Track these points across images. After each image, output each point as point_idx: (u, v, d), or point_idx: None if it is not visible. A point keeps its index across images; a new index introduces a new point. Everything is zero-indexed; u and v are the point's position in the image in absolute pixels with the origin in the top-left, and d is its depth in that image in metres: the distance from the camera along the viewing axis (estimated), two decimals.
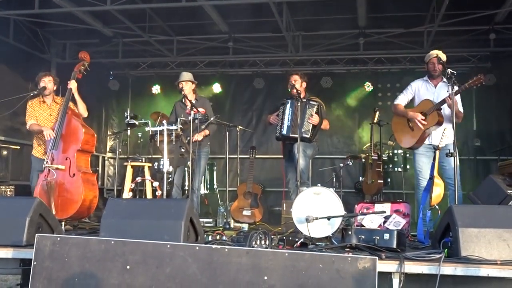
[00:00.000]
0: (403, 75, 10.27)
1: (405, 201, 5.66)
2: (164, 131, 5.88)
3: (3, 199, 5.95)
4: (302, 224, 4.41)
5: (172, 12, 8.73)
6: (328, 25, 9.09)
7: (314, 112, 6.32)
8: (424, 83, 5.94)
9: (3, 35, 8.41)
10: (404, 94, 6.10)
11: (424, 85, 5.93)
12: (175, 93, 8.68)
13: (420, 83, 5.98)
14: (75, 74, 6.23)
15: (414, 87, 6.02)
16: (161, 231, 3.86)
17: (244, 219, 7.55)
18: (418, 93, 5.95)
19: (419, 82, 6.01)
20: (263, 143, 10.72)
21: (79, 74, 6.27)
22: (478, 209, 4.20)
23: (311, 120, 6.28)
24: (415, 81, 6.07)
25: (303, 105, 6.28)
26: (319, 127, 6.45)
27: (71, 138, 5.90)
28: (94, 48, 9.69)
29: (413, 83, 6.07)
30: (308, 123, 6.29)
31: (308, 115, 6.28)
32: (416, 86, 6.00)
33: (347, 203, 6.12)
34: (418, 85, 5.99)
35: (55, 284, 3.57)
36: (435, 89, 5.82)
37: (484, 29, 8.63)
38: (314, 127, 6.35)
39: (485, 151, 9.50)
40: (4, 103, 6.58)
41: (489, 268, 3.43)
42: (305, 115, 6.28)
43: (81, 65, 6.30)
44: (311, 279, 3.26)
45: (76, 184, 5.71)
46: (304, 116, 6.28)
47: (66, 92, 6.15)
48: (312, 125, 6.30)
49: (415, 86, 6.01)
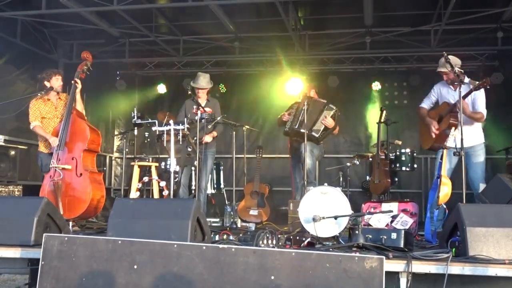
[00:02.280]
0: (410, 74, 10.27)
1: (412, 201, 5.65)
2: (171, 130, 5.88)
3: (11, 199, 5.98)
4: (309, 223, 4.41)
5: (178, 12, 8.74)
6: (335, 24, 9.08)
7: (330, 116, 6.33)
8: (444, 86, 6.01)
9: (10, 36, 8.45)
10: (428, 97, 6.20)
11: (445, 87, 6.01)
12: (182, 93, 8.69)
13: (441, 86, 6.06)
14: (79, 73, 6.25)
15: (436, 90, 6.12)
16: (168, 231, 3.87)
17: (251, 218, 7.54)
18: (440, 95, 6.04)
19: (440, 85, 6.08)
20: (270, 143, 10.72)
21: (82, 73, 6.28)
22: (486, 208, 4.17)
23: (325, 121, 6.30)
24: (437, 84, 6.14)
25: (322, 105, 6.32)
26: (331, 131, 6.47)
27: (77, 138, 5.92)
28: (101, 48, 9.72)
29: (435, 86, 6.16)
30: (321, 124, 6.30)
31: (324, 116, 6.30)
32: (438, 89, 6.09)
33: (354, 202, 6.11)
34: (440, 87, 6.07)
35: (63, 284, 3.59)
36: (455, 92, 5.81)
37: (492, 28, 8.58)
38: (326, 130, 6.37)
39: (493, 150, 9.44)
40: (11, 103, 6.61)
41: (497, 268, 3.42)
42: (321, 115, 6.30)
43: (84, 64, 6.32)
44: (318, 279, 3.26)
45: (84, 184, 5.73)
46: (320, 116, 6.30)
47: (70, 92, 6.16)
48: (324, 126, 6.31)
49: (437, 89, 6.11)
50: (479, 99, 5.71)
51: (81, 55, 6.46)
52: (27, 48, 8.89)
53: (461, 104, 5.12)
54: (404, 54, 10.04)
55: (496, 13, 8.06)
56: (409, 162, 8.50)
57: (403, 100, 10.37)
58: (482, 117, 5.73)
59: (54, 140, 5.92)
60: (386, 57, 10.24)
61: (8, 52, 8.37)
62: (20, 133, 8.26)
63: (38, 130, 6.15)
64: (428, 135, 5.95)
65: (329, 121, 6.33)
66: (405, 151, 8.50)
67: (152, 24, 9.07)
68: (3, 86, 7.97)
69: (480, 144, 5.81)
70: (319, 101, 6.48)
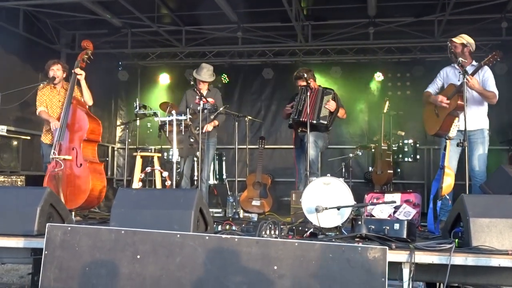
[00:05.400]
0: (414, 64, 10.23)
1: (415, 191, 5.64)
2: (173, 121, 5.88)
3: (14, 189, 5.98)
4: (312, 214, 4.41)
5: (180, 2, 8.71)
6: (338, 15, 9.03)
7: (331, 99, 6.33)
8: (452, 68, 5.82)
9: (13, 26, 8.44)
10: (434, 82, 6.02)
11: (452, 70, 5.82)
12: (184, 83, 8.67)
13: (449, 69, 5.88)
14: (78, 63, 6.22)
15: (442, 73, 5.95)
16: (171, 221, 3.87)
17: (254, 209, 7.55)
18: (447, 79, 5.85)
19: (447, 68, 5.92)
20: (272, 133, 10.73)
21: (82, 62, 6.24)
22: (489, 199, 4.16)
23: (328, 106, 6.31)
24: (444, 68, 5.99)
25: (319, 93, 6.32)
26: (336, 114, 6.47)
27: (77, 128, 5.91)
28: (103, 39, 9.70)
29: (442, 70, 5.99)
30: (326, 109, 6.30)
31: (325, 101, 6.31)
32: (444, 72, 5.93)
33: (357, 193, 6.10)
34: (446, 70, 5.91)
35: (66, 273, 3.60)
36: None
37: (496, 18, 8.52)
38: (331, 114, 6.37)
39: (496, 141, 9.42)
40: (14, 93, 6.61)
41: (500, 258, 3.41)
42: (322, 102, 6.31)
43: (84, 53, 6.29)
44: (321, 269, 3.26)
45: (84, 174, 5.73)
46: (322, 103, 6.30)
47: (70, 82, 6.16)
48: (329, 111, 6.31)
49: (443, 73, 5.94)
50: (489, 79, 5.55)
51: (81, 44, 6.44)
52: (30, 38, 8.88)
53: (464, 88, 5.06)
54: (407, 45, 9.99)
55: (501, 3, 7.99)
56: (412, 153, 8.52)
57: (406, 91, 10.33)
58: (494, 96, 5.52)
59: (56, 123, 5.92)
60: (390, 48, 10.19)
61: (11, 43, 8.35)
62: (23, 124, 8.28)
63: (43, 115, 6.16)
64: (433, 120, 5.75)
65: (332, 105, 6.33)
66: (408, 142, 8.51)
67: (154, 14, 9.03)
68: (5, 76, 7.95)
69: (483, 130, 5.60)
70: (316, 89, 6.45)
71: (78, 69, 6.17)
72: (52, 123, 5.95)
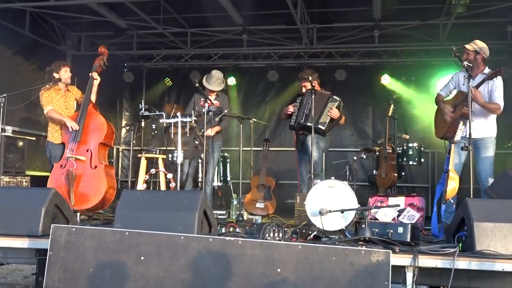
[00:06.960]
0: (419, 68, 10.20)
1: (419, 195, 5.62)
2: (178, 123, 5.89)
3: (19, 189, 6.01)
4: (316, 217, 4.41)
5: (186, 4, 8.72)
6: (343, 18, 9.04)
7: (335, 107, 6.34)
8: (464, 73, 5.82)
9: (19, 27, 8.48)
10: (446, 85, 6.09)
11: (463, 75, 5.80)
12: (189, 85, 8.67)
13: (461, 74, 5.88)
14: (96, 67, 6.32)
15: (455, 78, 5.99)
16: (175, 223, 3.88)
17: (257, 211, 7.55)
18: (458, 84, 5.89)
19: (460, 73, 5.93)
20: (277, 136, 10.72)
21: (99, 68, 6.37)
22: (493, 203, 4.15)
23: (331, 113, 6.31)
24: (457, 72, 6.03)
25: (326, 98, 6.33)
26: (336, 122, 6.47)
27: (94, 131, 5.99)
28: (109, 40, 9.73)
29: (454, 74, 6.04)
30: (327, 116, 6.31)
31: (329, 108, 6.31)
32: (456, 77, 5.97)
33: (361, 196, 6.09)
34: (458, 76, 5.93)
35: (70, 274, 3.61)
36: (473, 81, 5.62)
37: (501, 22, 8.52)
38: (331, 121, 6.38)
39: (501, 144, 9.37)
40: (19, 94, 6.64)
41: (504, 263, 3.40)
42: (326, 107, 6.31)
43: (101, 59, 6.41)
44: (325, 272, 3.26)
45: (99, 177, 5.78)
46: (325, 108, 6.31)
47: (87, 85, 6.20)
48: (330, 118, 6.32)
49: (455, 77, 5.98)
50: (497, 90, 5.59)
51: (99, 49, 6.54)
52: (36, 40, 8.93)
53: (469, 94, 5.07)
54: (412, 48, 9.98)
55: (506, 7, 7.98)
56: (416, 156, 8.47)
57: (410, 94, 10.30)
58: (498, 108, 5.58)
59: (74, 124, 5.94)
60: (395, 51, 10.20)
61: (17, 44, 8.41)
62: (29, 124, 8.31)
63: (53, 114, 6.16)
64: (442, 124, 5.84)
65: (334, 113, 6.34)
66: (413, 145, 8.47)
67: (160, 16, 9.06)
68: (11, 77, 8.00)
69: (490, 137, 5.66)
70: (323, 93, 6.47)
71: (95, 73, 6.25)
72: (69, 124, 5.95)
